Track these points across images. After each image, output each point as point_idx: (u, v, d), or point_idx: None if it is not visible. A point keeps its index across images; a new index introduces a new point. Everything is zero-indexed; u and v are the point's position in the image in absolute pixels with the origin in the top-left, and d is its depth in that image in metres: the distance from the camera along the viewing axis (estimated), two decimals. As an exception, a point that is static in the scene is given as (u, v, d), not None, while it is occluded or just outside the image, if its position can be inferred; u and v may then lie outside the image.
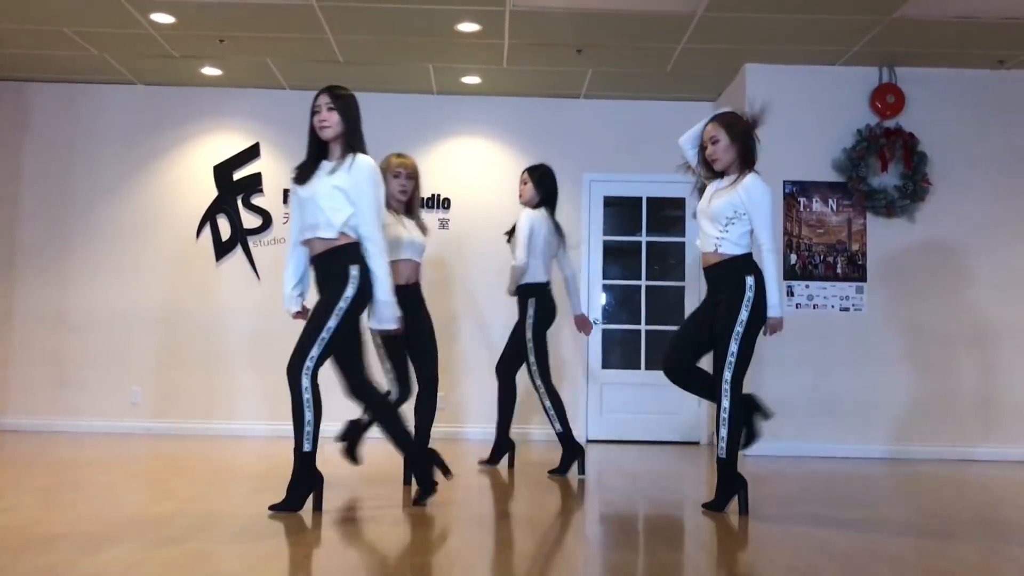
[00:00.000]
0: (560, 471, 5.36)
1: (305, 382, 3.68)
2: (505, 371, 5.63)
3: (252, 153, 7.82)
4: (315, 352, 3.68)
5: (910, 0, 5.79)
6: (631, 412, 7.61)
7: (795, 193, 6.96)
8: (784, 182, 6.97)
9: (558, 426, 5.30)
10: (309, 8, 6.07)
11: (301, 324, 3.89)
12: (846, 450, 6.74)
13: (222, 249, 7.73)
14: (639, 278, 7.84)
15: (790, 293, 6.90)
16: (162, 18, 6.30)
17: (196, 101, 7.87)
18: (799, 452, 6.72)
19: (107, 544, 3.08)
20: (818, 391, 6.84)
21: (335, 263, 3.76)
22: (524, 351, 5.36)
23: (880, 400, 6.82)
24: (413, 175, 4.90)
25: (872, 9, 5.98)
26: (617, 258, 7.96)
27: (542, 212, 5.54)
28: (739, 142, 3.96)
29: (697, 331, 4.04)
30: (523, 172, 5.66)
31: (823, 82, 7.04)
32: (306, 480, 3.75)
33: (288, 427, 3.93)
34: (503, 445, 5.68)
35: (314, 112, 3.87)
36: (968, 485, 5.40)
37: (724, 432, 3.88)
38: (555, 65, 7.12)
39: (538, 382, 5.32)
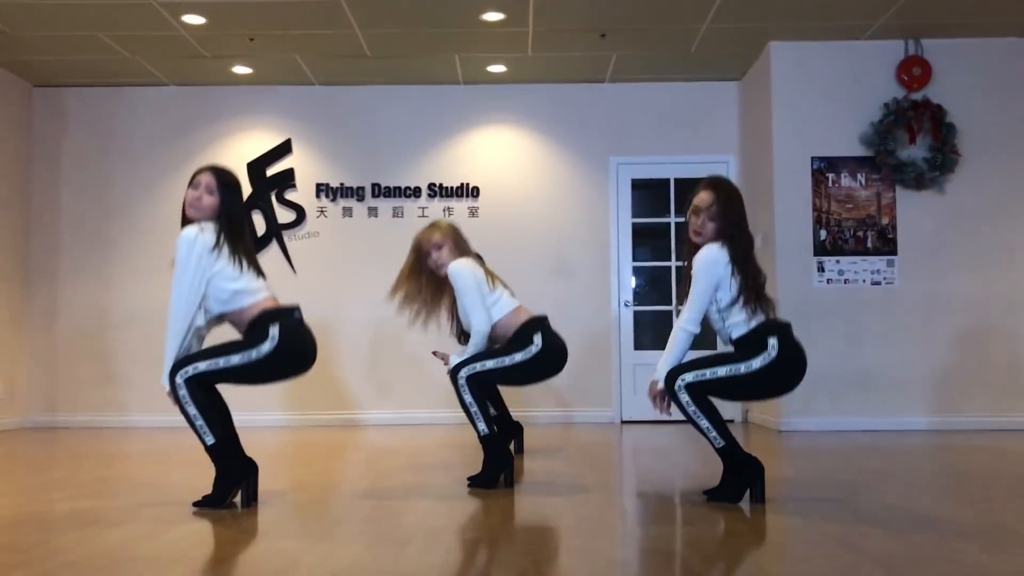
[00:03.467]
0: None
1: (179, 380, 3.59)
2: None
3: (284, 149, 7.95)
4: (202, 367, 3.61)
5: (933, -28, 5.80)
6: (665, 392, 7.67)
7: (823, 169, 6.98)
8: (812, 158, 6.99)
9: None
10: (336, 3, 6.17)
11: (341, 315, 3.87)
12: (880, 423, 6.76)
13: (258, 244, 7.87)
14: (669, 259, 7.89)
15: (820, 269, 6.92)
16: (193, 19, 6.43)
17: (228, 100, 8.00)
18: (833, 427, 6.74)
19: (167, 526, 3.22)
20: (851, 365, 6.86)
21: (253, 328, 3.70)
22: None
23: (913, 373, 6.83)
24: (427, 247, 4.48)
25: (895, -18, 5.98)
26: (646, 240, 8.02)
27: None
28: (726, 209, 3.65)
29: None
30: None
31: (848, 57, 7.03)
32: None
33: (317, 418, 3.99)
34: (509, 430, 5.25)
35: (192, 185, 3.68)
36: (1006, 457, 5.42)
37: (705, 423, 3.56)
38: (580, 51, 7.17)
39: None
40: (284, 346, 3.61)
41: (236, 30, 6.64)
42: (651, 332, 7.92)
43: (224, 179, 3.72)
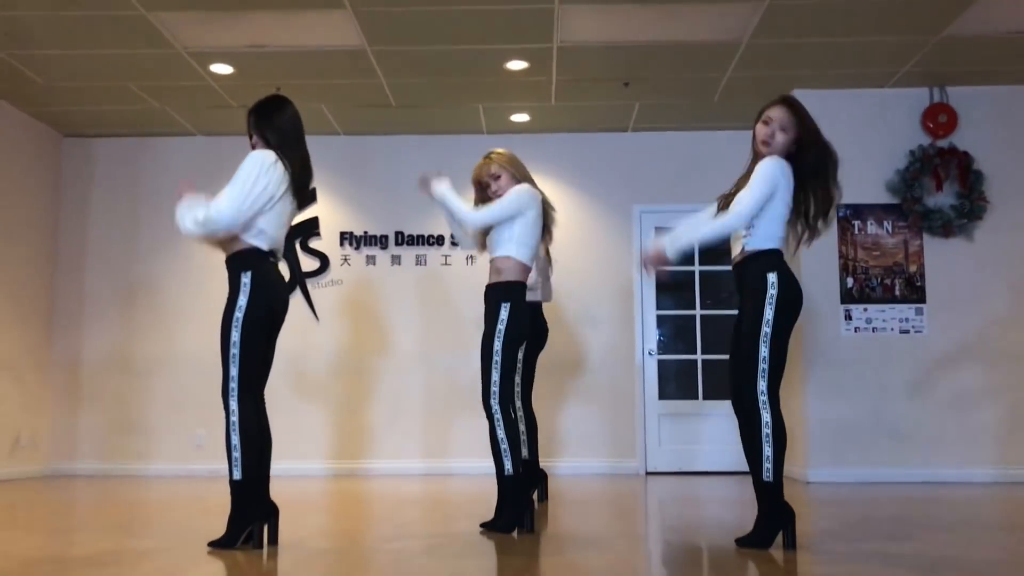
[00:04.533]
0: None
1: (232, 404, 3.50)
2: (523, 397, 5.21)
3: (309, 198, 8.00)
4: (233, 372, 3.51)
5: (958, 19, 5.80)
6: (691, 443, 7.56)
7: (849, 216, 6.93)
8: (837, 206, 6.91)
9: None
10: (362, 52, 6.24)
11: (365, 363, 3.83)
12: (911, 475, 6.61)
13: (281, 292, 7.89)
14: (694, 308, 7.82)
15: (848, 317, 6.83)
16: (221, 69, 6.53)
17: (254, 149, 8.08)
18: (862, 478, 6.59)
19: (184, 568, 3.16)
20: (880, 415, 6.73)
21: (230, 267, 3.61)
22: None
23: (945, 423, 6.69)
24: (495, 175, 4.28)
25: (920, 29, 5.98)
26: (671, 289, 7.96)
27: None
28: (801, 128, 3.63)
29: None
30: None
31: (873, 105, 7.02)
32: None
33: (340, 466, 3.94)
34: (535, 476, 5.12)
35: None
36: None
37: (768, 451, 3.43)
38: (602, 99, 7.21)
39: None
40: (255, 296, 3.52)
41: (263, 80, 6.72)
42: (676, 381, 7.83)
43: (257, 110, 3.74)
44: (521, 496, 4.01)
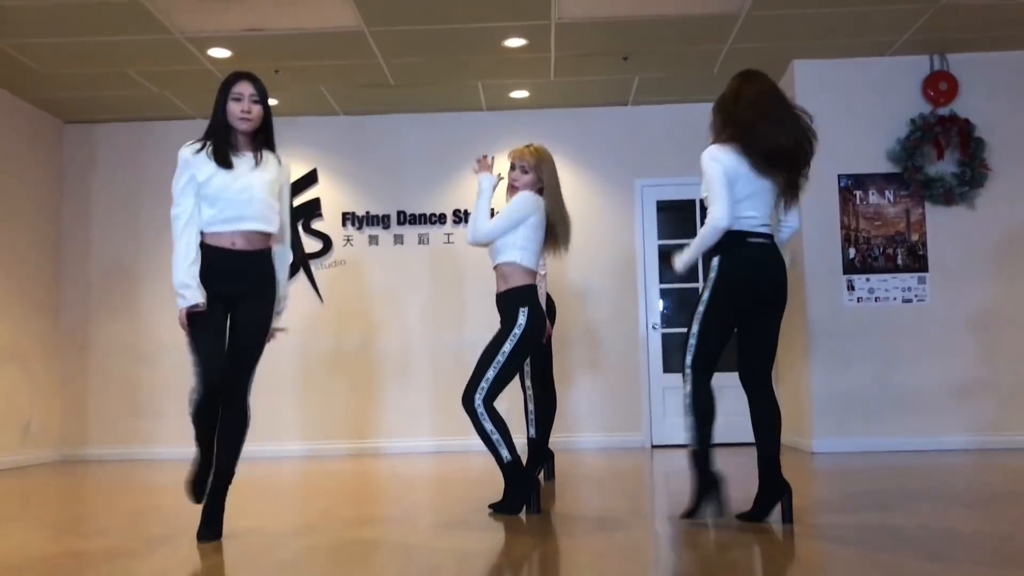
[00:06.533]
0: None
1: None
2: (543, 378, 5.39)
3: (310, 179, 8.02)
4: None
5: (957, -14, 5.77)
6: (696, 415, 7.59)
7: (850, 186, 6.92)
8: (839, 176, 6.93)
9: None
10: (360, 34, 6.23)
11: (370, 343, 3.86)
12: (916, 443, 6.65)
13: (286, 274, 7.92)
14: (696, 280, 7.83)
15: (850, 287, 6.85)
16: (219, 53, 6.52)
17: (254, 131, 8.07)
18: (867, 448, 6.64)
19: (197, 557, 3.22)
20: (884, 385, 6.76)
21: (268, 264, 3.63)
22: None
23: (949, 391, 6.72)
24: (523, 167, 4.33)
25: (918, -3, 5.95)
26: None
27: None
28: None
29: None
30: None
31: (873, 74, 6.99)
32: None
33: (346, 446, 3.97)
34: (541, 456, 5.27)
35: (235, 99, 3.57)
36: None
37: (689, 420, 3.68)
38: (602, 74, 7.19)
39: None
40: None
41: (261, 63, 6.71)
42: (680, 354, 7.80)
43: (261, 85, 3.64)
44: (525, 477, 4.05)
